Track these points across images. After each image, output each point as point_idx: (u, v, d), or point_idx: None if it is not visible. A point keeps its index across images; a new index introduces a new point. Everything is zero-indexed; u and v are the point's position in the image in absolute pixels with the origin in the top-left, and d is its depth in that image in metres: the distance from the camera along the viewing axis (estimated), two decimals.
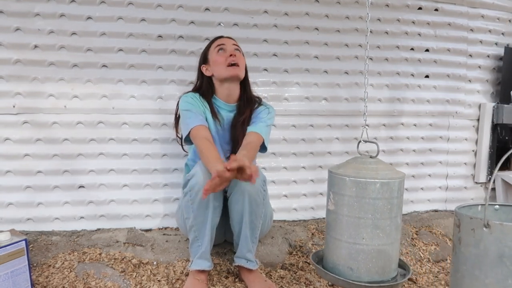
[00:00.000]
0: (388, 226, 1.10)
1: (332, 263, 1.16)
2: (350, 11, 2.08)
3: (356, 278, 1.10)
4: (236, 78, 1.58)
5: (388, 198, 1.09)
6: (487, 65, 2.35)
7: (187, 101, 1.55)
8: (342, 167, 1.17)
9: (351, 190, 1.10)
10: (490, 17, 2.32)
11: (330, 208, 1.17)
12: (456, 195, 2.37)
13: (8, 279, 1.29)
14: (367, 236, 1.09)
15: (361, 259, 1.10)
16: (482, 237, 0.78)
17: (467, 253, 0.81)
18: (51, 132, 1.78)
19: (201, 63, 1.65)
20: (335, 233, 1.15)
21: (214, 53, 1.59)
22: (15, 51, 1.72)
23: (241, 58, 1.60)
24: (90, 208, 1.84)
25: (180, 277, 1.52)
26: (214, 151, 1.41)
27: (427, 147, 2.30)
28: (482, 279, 0.78)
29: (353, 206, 1.10)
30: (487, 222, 0.77)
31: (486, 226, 0.77)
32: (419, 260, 1.82)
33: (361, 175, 1.10)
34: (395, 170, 1.17)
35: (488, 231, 0.77)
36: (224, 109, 1.61)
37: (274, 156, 2.05)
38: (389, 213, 1.10)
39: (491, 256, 0.77)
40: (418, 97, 2.24)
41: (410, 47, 2.21)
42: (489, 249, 0.77)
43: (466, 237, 0.82)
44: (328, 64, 2.08)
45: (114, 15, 1.80)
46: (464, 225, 0.83)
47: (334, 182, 1.15)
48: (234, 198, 1.42)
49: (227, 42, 1.61)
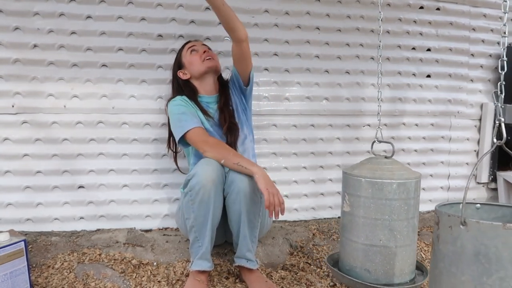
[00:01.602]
0: (405, 227, 1.09)
1: (349, 265, 1.15)
2: (351, 11, 2.07)
3: (374, 281, 1.09)
4: (213, 69, 1.65)
5: (404, 199, 1.08)
6: (489, 64, 2.35)
7: (179, 104, 1.58)
8: (357, 168, 1.16)
9: (367, 191, 1.09)
10: (492, 16, 2.31)
11: (346, 209, 1.15)
12: (458, 195, 2.36)
13: (7, 280, 1.28)
14: (384, 237, 1.08)
15: (379, 261, 1.09)
16: (459, 234, 0.79)
17: (445, 250, 0.82)
18: (51, 132, 1.78)
19: (176, 70, 1.69)
20: (351, 235, 1.14)
21: (188, 55, 1.67)
22: (14, 50, 1.71)
23: (214, 55, 1.69)
24: (90, 208, 1.83)
25: (181, 277, 1.52)
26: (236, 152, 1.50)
27: (428, 147, 2.29)
28: (459, 276, 0.79)
29: (369, 207, 1.09)
30: (464, 219, 0.77)
31: (463, 224, 0.78)
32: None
33: (377, 176, 1.09)
34: (411, 170, 1.16)
35: (465, 229, 0.78)
36: (211, 103, 1.66)
37: (275, 156, 2.04)
38: (406, 214, 1.09)
39: (467, 253, 0.78)
40: (419, 97, 2.23)
41: (412, 47, 2.20)
42: (466, 246, 0.78)
43: (444, 235, 0.82)
44: (329, 63, 2.07)
45: (114, 14, 1.79)
46: (442, 223, 0.83)
47: (349, 183, 1.14)
48: (231, 197, 1.42)
49: (197, 43, 1.70)
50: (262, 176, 1.34)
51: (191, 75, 1.66)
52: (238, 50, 1.55)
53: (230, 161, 1.40)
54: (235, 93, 1.70)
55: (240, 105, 1.70)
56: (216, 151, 1.44)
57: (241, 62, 1.60)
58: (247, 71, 1.64)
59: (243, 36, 1.50)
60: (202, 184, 1.35)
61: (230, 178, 1.41)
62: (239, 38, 1.50)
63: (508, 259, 0.73)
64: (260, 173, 1.35)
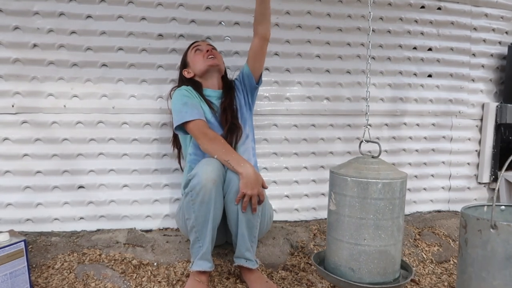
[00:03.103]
0: (390, 227, 1.09)
1: (334, 264, 1.15)
2: (352, 10, 2.07)
3: (357, 279, 1.09)
4: (215, 68, 1.67)
5: (390, 199, 1.08)
6: (490, 64, 2.34)
7: (183, 94, 1.60)
8: (344, 167, 1.16)
9: (353, 190, 1.09)
10: (493, 15, 2.30)
11: (332, 208, 1.16)
12: (459, 195, 2.35)
13: (7, 281, 1.28)
14: (369, 236, 1.08)
15: (363, 260, 1.09)
16: (489, 238, 0.77)
17: (474, 254, 0.80)
18: (51, 132, 1.77)
19: (181, 69, 1.73)
20: (337, 234, 1.14)
21: (192, 54, 1.70)
22: (14, 50, 1.71)
23: (217, 54, 1.71)
24: (90, 208, 1.83)
25: (181, 278, 1.51)
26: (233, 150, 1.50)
27: (430, 147, 2.28)
28: (490, 281, 0.77)
29: (354, 207, 1.09)
30: (494, 223, 0.76)
31: (493, 227, 0.76)
32: (421, 261, 1.80)
33: (363, 175, 1.09)
34: (397, 170, 1.16)
35: (495, 233, 0.76)
36: (214, 97, 1.68)
37: (275, 156, 2.03)
38: (391, 213, 1.09)
39: (498, 257, 0.76)
40: (420, 97, 2.23)
41: (413, 46, 2.19)
42: (497, 250, 0.76)
43: (472, 238, 0.81)
44: (330, 63, 2.07)
45: (114, 14, 1.78)
46: (470, 226, 0.81)
47: (335, 182, 1.14)
48: (230, 197, 1.42)
49: (202, 43, 1.73)
50: (246, 176, 1.38)
51: (195, 73, 1.69)
52: (259, 47, 1.62)
53: (221, 157, 1.43)
54: (242, 92, 1.73)
55: (245, 103, 1.72)
56: (211, 146, 1.47)
57: (258, 59, 1.66)
58: (260, 69, 1.70)
59: (268, 35, 1.61)
60: (203, 184, 1.35)
61: (228, 177, 1.42)
62: (265, 34, 1.59)
63: None
64: (245, 173, 1.38)
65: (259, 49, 1.63)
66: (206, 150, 1.50)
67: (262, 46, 1.62)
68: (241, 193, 1.38)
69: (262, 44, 1.61)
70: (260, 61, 1.67)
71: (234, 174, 1.40)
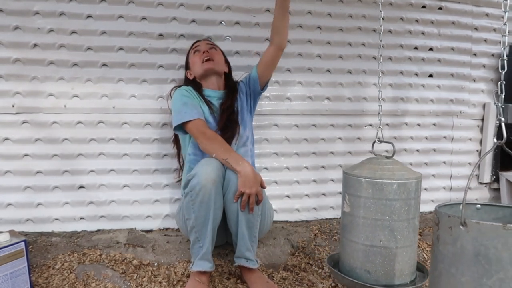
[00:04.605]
0: (406, 228, 1.08)
1: (349, 266, 1.14)
2: (353, 10, 2.06)
3: (374, 282, 1.08)
4: (211, 72, 1.66)
5: (405, 199, 1.08)
6: (491, 64, 2.33)
7: (183, 94, 1.61)
8: (357, 168, 1.15)
9: (367, 191, 1.08)
10: (494, 15, 2.30)
11: (346, 210, 1.14)
12: (460, 195, 2.34)
13: (7, 281, 1.27)
14: (385, 238, 1.07)
15: (379, 262, 1.08)
16: (459, 235, 0.78)
17: (445, 251, 0.81)
18: (51, 132, 1.77)
19: (185, 70, 1.76)
20: (351, 236, 1.13)
21: (192, 55, 1.71)
22: (14, 50, 1.71)
23: (215, 54, 1.69)
24: (90, 208, 1.82)
25: (181, 278, 1.51)
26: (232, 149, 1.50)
27: (431, 147, 2.28)
28: (458, 277, 0.78)
29: (369, 208, 1.08)
30: (464, 220, 0.76)
31: (463, 225, 0.77)
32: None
33: (378, 176, 1.08)
34: (412, 170, 1.15)
35: (465, 230, 0.77)
36: (214, 97, 1.68)
37: (276, 156, 2.03)
38: (407, 214, 1.08)
39: (467, 254, 0.77)
40: (421, 97, 2.22)
41: (414, 46, 2.19)
42: (466, 247, 0.77)
43: (444, 235, 0.81)
44: (331, 63, 2.06)
45: (115, 13, 1.78)
46: (442, 223, 0.82)
47: (349, 183, 1.13)
48: (229, 196, 1.41)
49: (201, 43, 1.72)
50: (244, 175, 1.37)
51: (195, 75, 1.70)
52: (273, 56, 1.62)
53: (219, 156, 1.43)
54: (246, 94, 1.72)
55: (247, 106, 1.72)
56: (210, 145, 1.47)
57: (269, 67, 1.66)
58: (268, 76, 1.70)
59: (285, 44, 1.61)
60: (203, 184, 1.35)
61: (227, 176, 1.42)
62: (281, 44, 1.59)
63: (508, 260, 0.72)
64: (243, 172, 1.38)
65: (273, 57, 1.63)
66: (205, 149, 1.50)
67: (276, 55, 1.62)
68: (239, 192, 1.37)
69: (277, 54, 1.62)
70: (271, 69, 1.67)
71: (233, 173, 1.40)
